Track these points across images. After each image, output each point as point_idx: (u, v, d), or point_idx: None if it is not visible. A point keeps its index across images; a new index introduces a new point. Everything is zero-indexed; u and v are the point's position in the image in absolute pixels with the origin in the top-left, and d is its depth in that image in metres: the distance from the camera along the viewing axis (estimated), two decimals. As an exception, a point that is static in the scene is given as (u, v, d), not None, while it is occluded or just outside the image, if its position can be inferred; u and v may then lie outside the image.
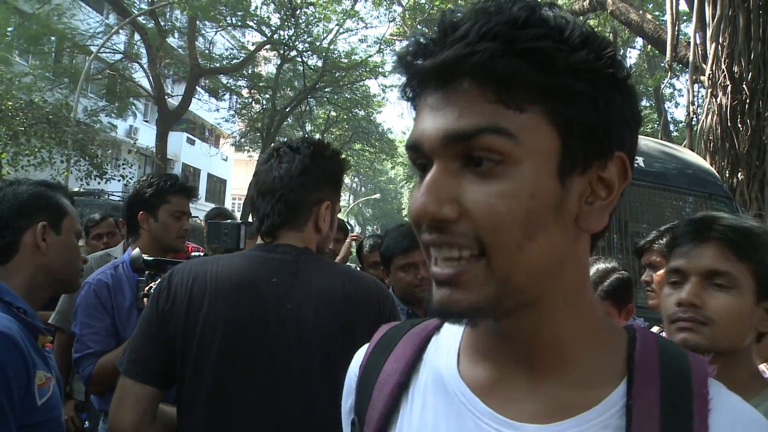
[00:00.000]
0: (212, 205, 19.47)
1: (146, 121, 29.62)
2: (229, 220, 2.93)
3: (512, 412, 0.79)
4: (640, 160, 5.25)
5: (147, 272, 2.58)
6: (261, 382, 1.67)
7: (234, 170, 42.18)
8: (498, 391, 0.81)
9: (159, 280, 2.06)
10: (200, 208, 15.57)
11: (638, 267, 3.07)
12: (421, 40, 0.74)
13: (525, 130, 0.71)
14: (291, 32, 22.63)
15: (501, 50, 0.69)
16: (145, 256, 2.60)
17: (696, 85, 8.81)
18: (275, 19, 22.68)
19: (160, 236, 2.89)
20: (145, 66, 20.58)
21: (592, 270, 3.06)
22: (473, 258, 0.72)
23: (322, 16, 22.68)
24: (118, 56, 21.27)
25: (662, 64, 14.77)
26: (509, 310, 0.76)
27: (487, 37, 0.69)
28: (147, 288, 2.54)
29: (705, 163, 5.81)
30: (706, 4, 8.13)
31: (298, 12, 21.87)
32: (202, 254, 2.67)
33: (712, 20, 7.97)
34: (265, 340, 1.69)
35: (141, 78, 22.05)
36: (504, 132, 0.70)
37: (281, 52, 23.86)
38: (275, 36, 22.77)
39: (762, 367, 1.88)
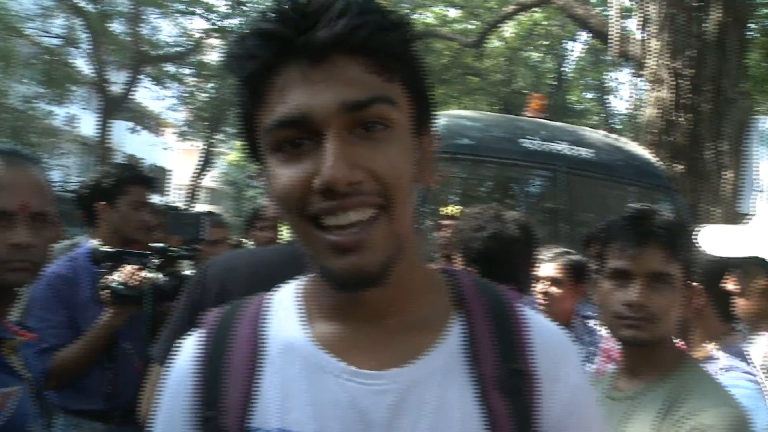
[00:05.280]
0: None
1: (87, 109, 28.82)
2: (191, 210, 2.92)
3: (369, 363, 0.87)
4: (588, 152, 5.38)
5: (106, 264, 2.55)
6: None
7: (178, 160, 41.41)
8: (352, 348, 0.88)
9: (191, 272, 2.02)
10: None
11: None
12: (289, 16, 0.80)
13: (398, 98, 0.83)
14: (238, 20, 22.29)
15: (379, 25, 0.80)
16: (105, 248, 2.57)
17: (638, 79, 9.06)
18: (222, 7, 22.32)
19: (120, 227, 2.85)
20: (87, 51, 20.01)
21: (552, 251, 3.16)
22: (377, 217, 0.80)
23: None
24: (56, 41, 20.61)
25: (606, 58, 15.11)
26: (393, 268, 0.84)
27: (366, 13, 0.79)
28: (106, 280, 2.51)
29: (649, 156, 5.97)
30: (648, 1, 8.34)
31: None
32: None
33: (655, 17, 8.19)
34: None
35: (82, 64, 21.43)
36: (391, 101, 0.82)
37: (228, 39, 23.43)
38: (222, 23, 22.39)
39: (710, 346, 2.00)
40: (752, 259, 1.68)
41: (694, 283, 1.68)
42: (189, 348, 0.96)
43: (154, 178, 3.11)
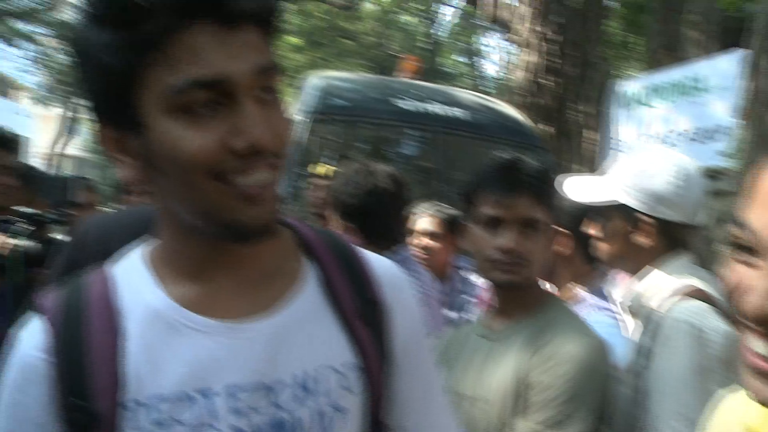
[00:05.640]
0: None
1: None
2: (58, 173, 2.75)
3: (235, 315, 0.89)
4: (460, 112, 5.50)
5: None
6: None
7: (36, 126, 38.82)
8: (215, 303, 0.90)
9: None
10: None
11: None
12: None
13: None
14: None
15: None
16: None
17: (508, 43, 9.33)
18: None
19: None
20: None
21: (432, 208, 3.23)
22: (275, 175, 0.86)
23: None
24: None
25: (478, 23, 15.44)
26: None
27: None
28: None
29: (520, 116, 6.18)
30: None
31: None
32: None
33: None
34: None
35: None
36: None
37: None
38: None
39: (575, 287, 2.12)
40: (611, 204, 1.78)
41: (561, 229, 1.75)
42: (32, 334, 0.89)
43: (14, 139, 2.88)
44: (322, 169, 3.90)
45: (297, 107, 5.32)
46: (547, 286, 1.90)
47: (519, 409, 1.51)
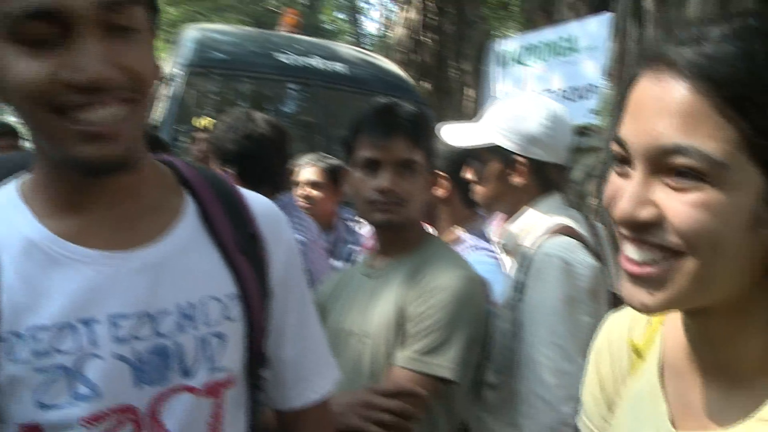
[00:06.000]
0: None
1: None
2: None
3: (116, 246, 0.90)
4: (341, 66, 5.48)
5: None
6: None
7: None
8: (94, 234, 0.90)
9: None
10: None
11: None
12: None
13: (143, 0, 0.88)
14: None
15: None
16: None
17: (388, 0, 9.34)
18: None
19: None
20: None
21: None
22: (127, 111, 0.84)
23: None
24: None
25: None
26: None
27: None
28: None
29: (400, 71, 6.23)
30: None
31: None
32: None
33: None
34: None
35: None
36: (141, 2, 0.86)
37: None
38: None
39: (457, 230, 2.19)
40: (487, 147, 1.83)
41: (439, 173, 1.80)
42: None
43: None
44: (202, 122, 3.81)
45: (173, 60, 5.14)
46: (430, 229, 1.95)
47: (400, 341, 1.56)
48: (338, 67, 5.47)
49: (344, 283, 1.79)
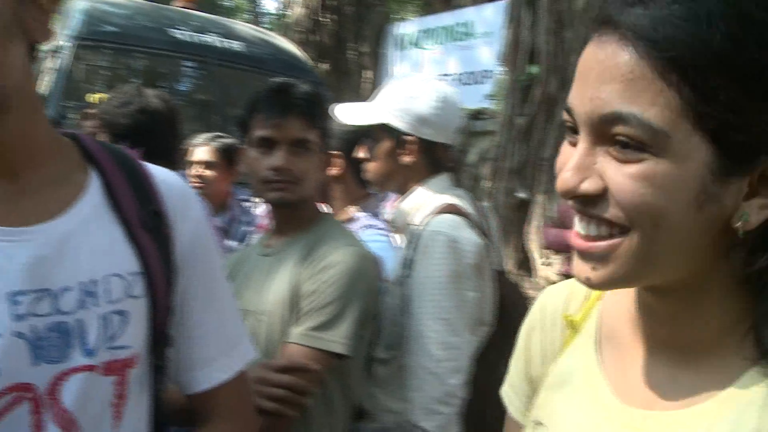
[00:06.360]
0: None
1: None
2: None
3: (11, 221, 0.88)
4: (238, 45, 5.39)
5: None
6: None
7: None
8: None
9: None
10: None
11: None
12: None
13: None
14: None
15: None
16: None
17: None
18: None
19: None
20: None
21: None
22: None
23: None
24: None
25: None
26: None
27: None
28: None
29: (298, 50, 6.19)
30: None
31: None
32: None
33: None
34: None
35: None
36: None
37: None
38: None
39: (351, 209, 2.22)
40: (378, 126, 1.87)
41: (333, 152, 1.82)
42: None
43: None
44: (93, 97, 3.68)
45: (60, 32, 4.92)
46: (325, 208, 1.98)
47: (295, 318, 1.58)
48: (235, 45, 5.39)
49: (241, 262, 1.79)
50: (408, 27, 9.77)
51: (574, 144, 0.67)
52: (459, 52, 9.50)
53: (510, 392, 0.95)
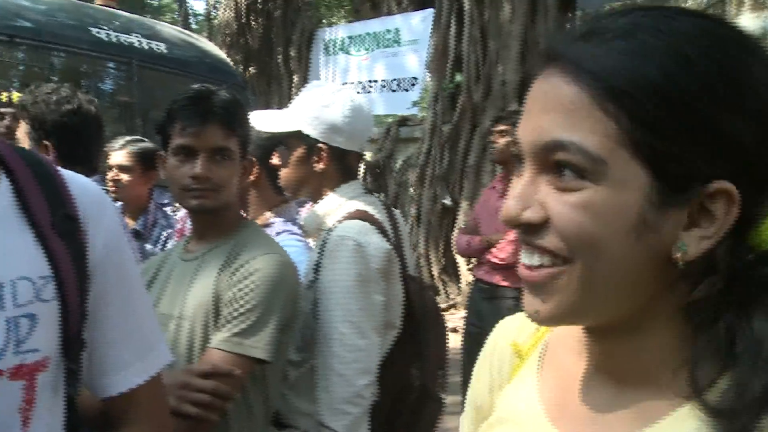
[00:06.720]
0: None
1: None
2: None
3: None
4: (162, 47, 5.33)
5: None
6: None
7: None
8: None
9: None
10: None
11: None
12: None
13: None
14: None
15: None
16: None
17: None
18: None
19: None
20: None
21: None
22: None
23: None
24: None
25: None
26: None
27: None
28: None
29: (222, 54, 6.16)
30: None
31: None
32: None
33: None
34: None
35: None
36: None
37: None
38: None
39: (267, 214, 2.25)
40: (293, 133, 1.91)
41: (250, 158, 1.85)
42: None
43: None
44: (4, 96, 3.58)
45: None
46: (243, 214, 2.00)
47: (216, 324, 1.61)
48: (159, 46, 5.32)
49: (160, 266, 1.80)
50: (336, 32, 9.82)
51: (519, 175, 0.68)
52: (386, 59, 9.62)
53: (463, 420, 0.96)
